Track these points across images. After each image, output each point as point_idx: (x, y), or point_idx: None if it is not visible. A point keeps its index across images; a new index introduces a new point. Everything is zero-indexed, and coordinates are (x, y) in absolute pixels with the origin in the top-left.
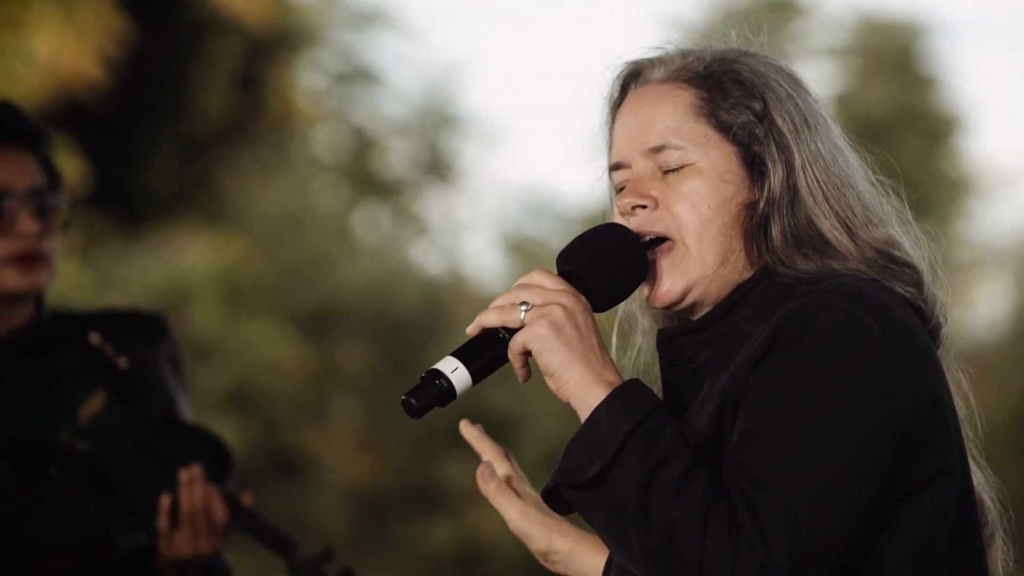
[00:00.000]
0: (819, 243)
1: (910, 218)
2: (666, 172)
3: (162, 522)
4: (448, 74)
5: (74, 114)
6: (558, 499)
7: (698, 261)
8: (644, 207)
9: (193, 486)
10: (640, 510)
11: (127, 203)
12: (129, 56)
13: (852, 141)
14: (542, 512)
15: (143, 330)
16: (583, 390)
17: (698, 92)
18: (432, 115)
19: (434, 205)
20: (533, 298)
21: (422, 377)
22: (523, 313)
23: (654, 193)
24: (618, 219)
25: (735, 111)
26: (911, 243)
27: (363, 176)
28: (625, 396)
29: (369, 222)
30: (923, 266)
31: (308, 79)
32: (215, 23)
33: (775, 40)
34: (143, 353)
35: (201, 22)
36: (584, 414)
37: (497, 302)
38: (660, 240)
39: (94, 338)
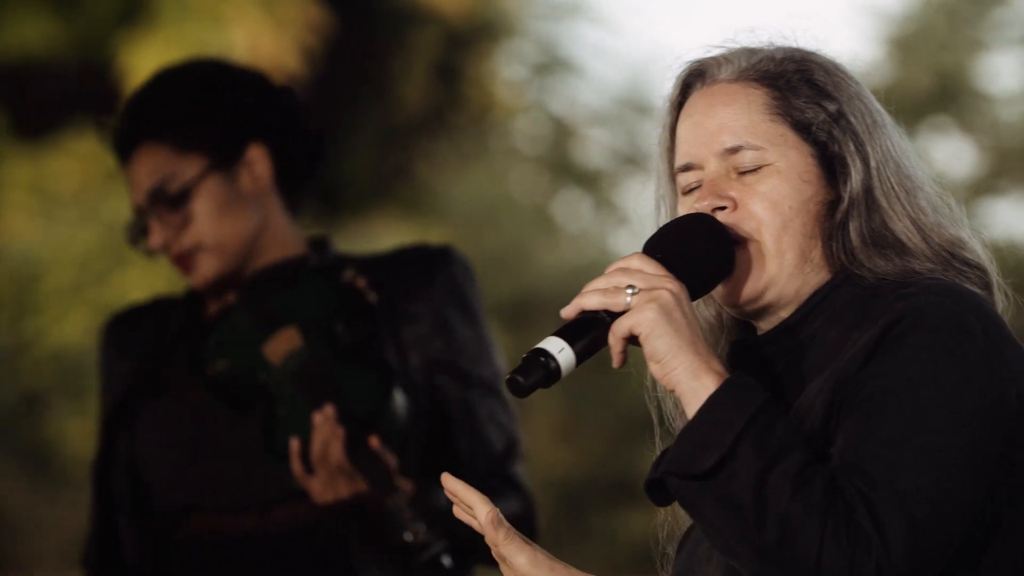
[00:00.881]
0: (895, 244)
1: (968, 221)
2: (742, 173)
3: (294, 466)
4: (647, 63)
5: None
6: (659, 491)
7: (777, 260)
8: (723, 208)
9: (322, 427)
10: (755, 505)
11: (326, 194)
12: (328, 47)
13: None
14: (550, 559)
15: (419, 262)
16: (691, 377)
17: (771, 91)
18: (631, 104)
19: (633, 194)
20: (638, 282)
21: (525, 357)
22: (629, 297)
23: (733, 194)
24: None
25: (811, 110)
26: (979, 245)
27: (562, 166)
28: (738, 387)
29: (569, 212)
30: (992, 269)
31: (507, 70)
32: (414, 14)
33: (976, 30)
34: (413, 286)
35: (400, 13)
36: (693, 402)
37: (596, 284)
38: (740, 240)
39: (348, 274)
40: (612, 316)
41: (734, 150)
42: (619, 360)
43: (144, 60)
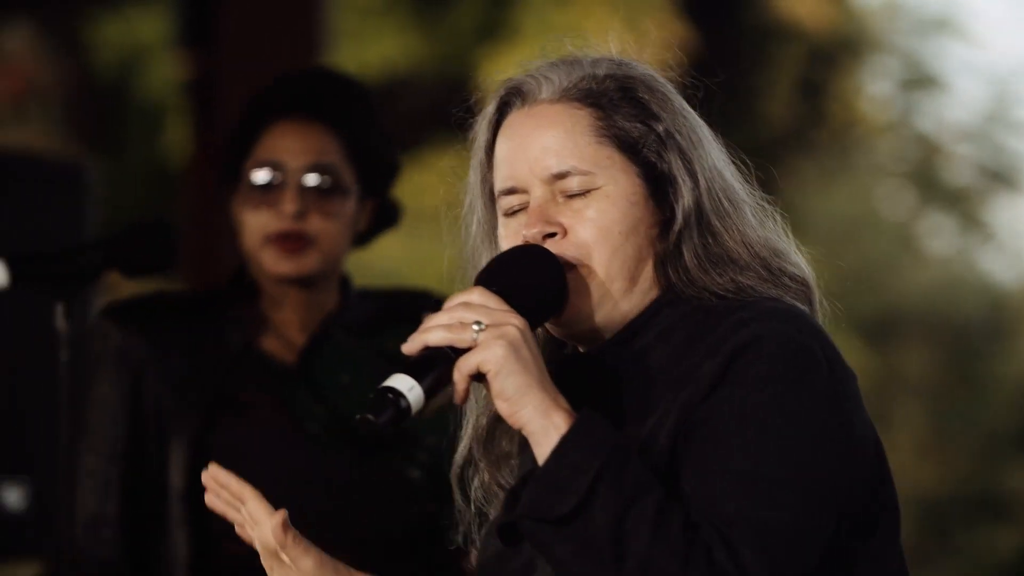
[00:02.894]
0: (726, 260)
1: (790, 232)
2: (569, 197)
3: None
4: (1014, 78)
5: None
6: (511, 532)
7: (606, 285)
8: (553, 235)
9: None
10: (614, 548)
11: None
12: (691, 63)
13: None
14: (334, 562)
15: (410, 311)
16: (541, 416)
17: (595, 111)
18: (999, 120)
19: (1002, 212)
20: (483, 318)
21: (374, 397)
22: (476, 333)
23: (562, 220)
24: (506, 240)
25: (636, 130)
26: (802, 260)
27: (928, 183)
28: (589, 427)
29: (934, 229)
30: (814, 284)
31: (872, 86)
32: (777, 30)
33: None
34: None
35: (763, 29)
36: (544, 442)
37: (439, 320)
38: (570, 266)
39: (391, 344)
40: (456, 352)
41: (561, 175)
42: (462, 397)
43: (505, 75)
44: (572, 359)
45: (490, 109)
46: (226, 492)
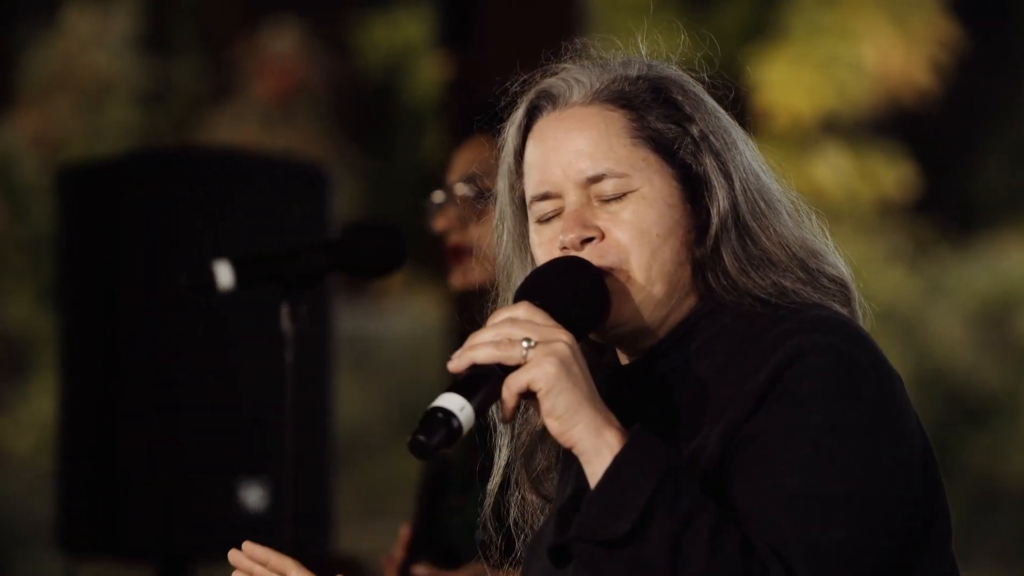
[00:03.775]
0: (765, 261)
1: (828, 234)
2: (605, 200)
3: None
4: None
5: (904, 122)
6: (561, 554)
7: (646, 289)
8: (591, 239)
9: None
10: (669, 570)
11: (957, 210)
12: (959, 62)
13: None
14: None
15: None
16: (593, 434)
17: (628, 113)
18: None
19: None
20: (531, 334)
21: (425, 417)
22: (525, 350)
23: (599, 223)
24: (541, 248)
25: (672, 132)
26: (841, 260)
27: None
28: (642, 445)
29: None
30: (852, 283)
31: None
32: None
33: None
34: None
35: None
36: (596, 461)
37: (485, 337)
38: (609, 271)
39: None
40: (505, 370)
41: (596, 178)
42: (510, 415)
43: (773, 75)
44: (615, 372)
45: (519, 114)
46: (261, 568)
